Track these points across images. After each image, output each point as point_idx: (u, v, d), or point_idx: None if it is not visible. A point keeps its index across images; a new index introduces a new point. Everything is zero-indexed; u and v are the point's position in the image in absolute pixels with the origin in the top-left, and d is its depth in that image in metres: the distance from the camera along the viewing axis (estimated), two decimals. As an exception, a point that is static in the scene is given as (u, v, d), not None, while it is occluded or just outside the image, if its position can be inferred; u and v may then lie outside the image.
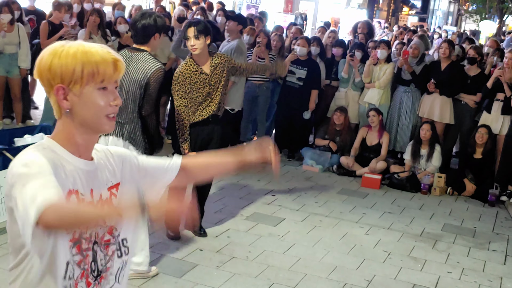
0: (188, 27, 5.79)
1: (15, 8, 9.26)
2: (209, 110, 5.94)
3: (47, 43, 9.02)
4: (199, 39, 5.73)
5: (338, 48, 10.14)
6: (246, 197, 7.71)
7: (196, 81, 5.83)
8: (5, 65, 9.05)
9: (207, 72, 5.87)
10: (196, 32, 5.72)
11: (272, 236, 6.52)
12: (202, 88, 5.87)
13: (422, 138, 8.82)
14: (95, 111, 2.08)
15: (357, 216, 7.41)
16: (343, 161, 9.19)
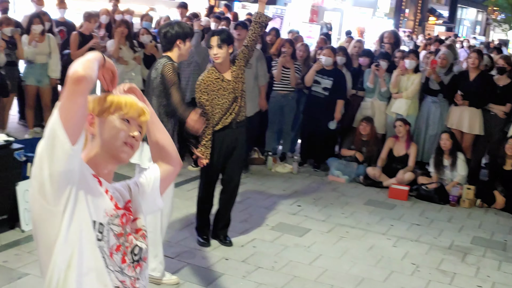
0: (212, 36, 5.84)
1: (45, 19, 9.40)
2: (233, 115, 5.98)
3: (77, 53, 9.16)
4: (222, 48, 5.80)
5: (364, 58, 10.10)
6: (271, 207, 7.71)
7: (219, 88, 5.88)
8: (36, 75, 9.17)
9: (229, 78, 5.93)
10: (219, 41, 5.79)
11: (298, 246, 6.50)
12: (227, 95, 5.91)
13: (442, 148, 8.74)
14: (114, 135, 2.29)
15: (384, 228, 7.36)
16: (370, 171, 9.14)
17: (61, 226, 2.11)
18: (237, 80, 5.96)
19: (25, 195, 5.98)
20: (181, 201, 7.35)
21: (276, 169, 9.47)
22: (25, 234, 5.94)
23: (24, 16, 10.25)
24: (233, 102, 5.95)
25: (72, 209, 2.12)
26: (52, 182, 2.05)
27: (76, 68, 2.01)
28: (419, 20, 36.17)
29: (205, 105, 5.88)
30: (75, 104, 2.03)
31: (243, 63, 6.01)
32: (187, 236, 6.42)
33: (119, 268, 2.27)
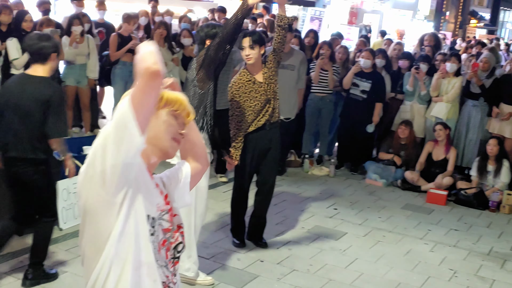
0: (244, 37, 5.82)
1: (85, 20, 9.49)
2: (266, 117, 5.96)
3: (116, 55, 9.24)
4: (253, 49, 5.79)
5: (404, 61, 10.00)
6: (307, 210, 7.67)
7: (251, 90, 5.86)
8: (75, 76, 9.26)
9: (260, 80, 5.90)
10: (251, 42, 5.77)
11: (333, 250, 6.46)
12: (259, 97, 5.89)
13: (489, 153, 8.61)
14: (164, 129, 2.34)
15: (421, 233, 7.27)
16: (408, 175, 9.04)
17: (117, 218, 2.12)
18: (269, 81, 5.93)
19: (63, 194, 6.05)
20: (216, 203, 7.36)
21: (313, 172, 9.43)
22: (63, 232, 6.01)
23: (64, 17, 10.37)
24: (265, 104, 5.93)
25: (130, 202, 2.14)
26: (114, 172, 2.05)
27: (149, 62, 2.01)
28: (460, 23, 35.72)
29: (237, 107, 5.87)
30: (149, 98, 2.05)
31: (274, 65, 5.97)
32: (222, 237, 6.42)
33: (164, 263, 2.30)
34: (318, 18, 20.78)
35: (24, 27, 7.97)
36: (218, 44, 5.08)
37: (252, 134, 5.97)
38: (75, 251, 5.65)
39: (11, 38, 7.92)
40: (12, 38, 7.91)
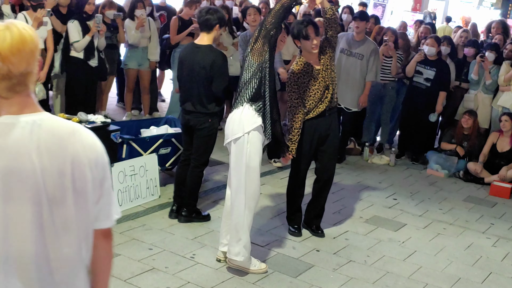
0: (307, 25, 5.68)
1: (147, 3, 9.50)
2: (325, 103, 5.84)
3: (176, 38, 9.22)
4: (319, 37, 5.73)
5: (470, 48, 9.69)
6: (366, 199, 7.52)
7: (310, 79, 5.74)
8: (137, 59, 9.30)
9: (318, 67, 5.79)
10: (316, 29, 5.68)
11: (392, 241, 6.31)
12: (318, 84, 5.77)
13: None
14: None
15: (484, 226, 7.05)
16: (470, 167, 8.78)
17: None
18: (326, 68, 5.83)
19: (120, 176, 6.06)
20: (273, 189, 7.28)
21: (373, 160, 9.26)
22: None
23: (125, 0, 10.40)
24: (324, 91, 5.82)
25: None
26: None
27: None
28: (529, 11, 34.67)
29: (296, 98, 5.75)
30: None
31: (330, 50, 5.85)
32: (278, 225, 6.33)
33: None
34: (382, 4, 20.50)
35: (86, 10, 8.00)
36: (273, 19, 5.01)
37: (311, 120, 5.85)
38: (129, 234, 5.65)
39: (72, 20, 7.97)
40: (73, 20, 7.96)
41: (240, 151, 5.01)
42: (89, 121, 5.91)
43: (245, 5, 11.10)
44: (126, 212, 6.09)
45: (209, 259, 5.39)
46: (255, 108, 5.01)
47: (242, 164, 5.00)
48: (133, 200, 6.27)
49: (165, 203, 6.50)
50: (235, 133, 5.02)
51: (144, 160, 6.45)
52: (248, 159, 5.00)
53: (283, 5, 5.02)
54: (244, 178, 5.00)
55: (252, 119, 5.01)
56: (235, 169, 5.06)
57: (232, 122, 5.07)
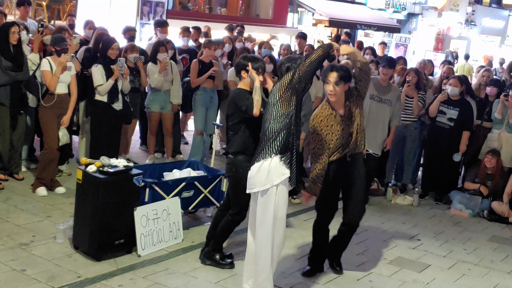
0: (330, 71, 5.67)
1: (169, 47, 9.64)
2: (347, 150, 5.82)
3: (196, 81, 9.33)
4: (338, 86, 5.64)
5: (492, 88, 9.69)
6: (389, 240, 7.47)
7: (333, 123, 5.74)
8: (160, 102, 9.40)
9: (342, 114, 5.77)
10: (337, 78, 5.62)
11: (416, 282, 6.25)
12: (341, 130, 5.76)
13: None
14: None
15: (509, 266, 6.97)
16: (495, 206, 8.71)
17: None
18: (351, 115, 5.79)
19: (142, 220, 6.09)
20: (297, 231, 7.27)
21: (396, 201, 9.22)
22: (141, 259, 6.03)
23: (148, 43, 10.57)
24: (347, 138, 5.79)
25: None
26: None
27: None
28: (552, 48, 34.57)
29: (318, 140, 5.78)
30: None
31: (360, 100, 5.82)
32: (301, 267, 6.30)
33: None
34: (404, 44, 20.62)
35: (109, 54, 8.15)
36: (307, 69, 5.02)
37: (332, 165, 5.84)
38: (152, 278, 5.66)
39: (96, 65, 8.11)
40: (97, 65, 8.11)
41: (268, 202, 5.04)
42: (112, 165, 5.96)
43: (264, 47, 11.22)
44: (149, 256, 6.11)
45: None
46: (284, 160, 5.04)
47: (269, 215, 5.03)
48: (156, 244, 6.29)
49: (188, 247, 6.51)
50: (263, 184, 5.05)
51: (167, 203, 6.49)
52: (276, 210, 5.03)
53: (319, 56, 5.02)
54: (272, 228, 5.03)
55: (280, 171, 5.04)
56: (262, 220, 5.08)
57: (260, 173, 5.07)
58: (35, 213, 6.95)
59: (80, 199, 6.02)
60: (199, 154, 9.48)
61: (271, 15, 19.04)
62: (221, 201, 7.12)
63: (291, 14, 20.66)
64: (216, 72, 9.44)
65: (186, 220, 7.12)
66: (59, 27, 8.86)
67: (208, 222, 7.31)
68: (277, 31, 17.52)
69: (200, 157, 9.39)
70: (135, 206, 6.05)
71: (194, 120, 9.88)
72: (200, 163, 7.69)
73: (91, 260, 5.88)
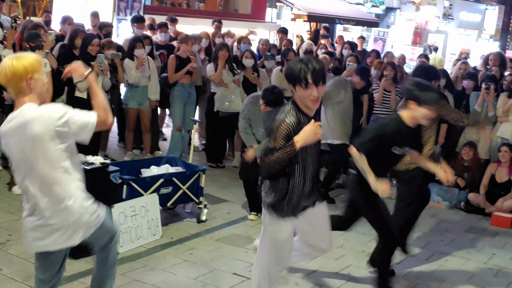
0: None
1: (146, 43, 9.59)
2: None
3: (174, 77, 9.30)
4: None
5: (469, 81, 9.76)
6: (368, 233, 7.47)
7: None
8: (138, 98, 9.36)
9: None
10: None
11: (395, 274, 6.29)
12: None
13: None
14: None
15: (485, 257, 7.04)
16: (472, 198, 8.79)
17: None
18: None
19: (120, 217, 6.08)
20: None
21: (374, 194, 9.25)
22: (119, 256, 5.94)
23: (124, 39, 10.52)
24: None
25: None
26: None
27: None
28: (528, 41, 34.85)
29: None
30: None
31: None
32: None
33: None
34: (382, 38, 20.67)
35: (89, 51, 8.11)
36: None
37: None
38: (130, 275, 5.66)
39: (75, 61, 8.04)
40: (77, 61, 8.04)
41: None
42: (88, 162, 5.93)
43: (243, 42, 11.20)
44: (127, 253, 6.11)
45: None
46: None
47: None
48: (134, 241, 6.28)
49: (167, 243, 6.52)
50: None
51: (145, 200, 6.48)
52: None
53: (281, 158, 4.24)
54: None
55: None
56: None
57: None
58: (11, 211, 6.91)
59: (57, 197, 5.98)
60: (177, 150, 9.46)
61: (249, 10, 18.99)
62: (200, 197, 7.14)
63: (269, 9, 20.63)
64: (193, 67, 9.43)
65: (164, 216, 7.12)
66: (34, 23, 8.79)
67: (188, 218, 7.33)
68: (255, 26, 17.48)
69: (178, 153, 9.37)
70: (113, 203, 6.04)
71: (172, 116, 9.86)
72: (179, 159, 7.69)
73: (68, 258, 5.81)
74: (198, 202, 7.17)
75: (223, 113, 9.63)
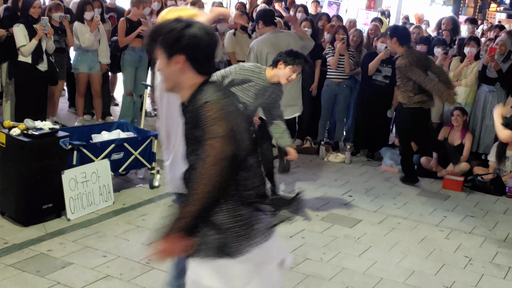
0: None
1: (96, 5, 9.37)
2: None
3: (124, 40, 9.13)
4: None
5: (422, 46, 9.79)
6: (322, 197, 7.55)
7: None
8: (88, 62, 9.16)
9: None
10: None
11: (347, 238, 6.34)
12: None
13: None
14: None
15: (437, 219, 7.13)
16: (424, 162, 8.88)
17: None
18: None
19: (71, 184, 5.97)
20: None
21: (329, 158, 9.30)
22: (70, 223, 5.93)
23: (73, 2, 10.26)
24: None
25: None
26: None
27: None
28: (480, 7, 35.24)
29: None
30: None
31: None
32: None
33: None
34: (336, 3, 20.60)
35: (31, 13, 7.88)
36: None
37: None
38: (82, 242, 5.57)
39: (17, 24, 7.83)
40: (18, 24, 7.83)
41: None
42: (37, 128, 5.79)
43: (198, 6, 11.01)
44: (79, 220, 6.01)
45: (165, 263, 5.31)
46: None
47: None
48: (86, 207, 6.18)
49: (119, 209, 6.44)
50: None
51: (96, 166, 6.36)
52: None
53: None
54: None
55: None
56: None
57: None
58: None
59: (4, 164, 5.84)
60: (129, 116, 9.33)
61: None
62: (152, 163, 7.05)
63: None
64: (144, 31, 9.26)
65: (116, 182, 7.02)
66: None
67: (140, 184, 7.25)
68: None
69: (130, 118, 9.25)
70: (63, 170, 5.92)
71: (123, 80, 9.70)
72: (130, 125, 7.56)
73: (18, 225, 5.74)
74: (150, 167, 7.08)
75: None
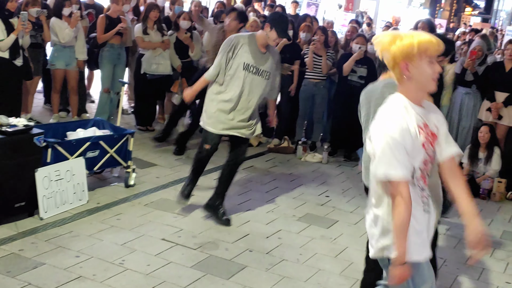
0: None
1: (74, 1, 9.26)
2: None
3: (103, 37, 9.04)
4: None
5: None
6: (299, 198, 7.52)
7: None
8: (65, 58, 9.06)
9: None
10: None
11: (324, 238, 6.32)
12: None
13: (480, 140, 8.46)
14: (427, 78, 3.23)
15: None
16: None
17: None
18: None
19: (44, 182, 5.86)
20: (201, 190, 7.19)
21: (306, 158, 9.29)
22: (43, 222, 5.83)
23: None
24: None
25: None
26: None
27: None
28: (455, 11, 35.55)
29: None
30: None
31: None
32: (211, 226, 6.26)
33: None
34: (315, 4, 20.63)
35: (8, 7, 7.75)
36: None
37: None
38: (55, 242, 5.48)
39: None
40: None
41: None
42: (10, 125, 5.68)
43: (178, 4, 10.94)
44: (52, 219, 5.91)
45: (139, 264, 5.25)
46: None
47: None
48: (59, 206, 6.07)
49: (93, 208, 6.34)
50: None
51: (71, 164, 6.26)
52: None
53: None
54: None
55: None
56: None
57: None
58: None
59: (-24, 161, 5.73)
60: (105, 113, 9.23)
61: (181, -30, 18.62)
62: (128, 161, 6.96)
63: (202, -30, 20.30)
64: (124, 28, 9.17)
65: (91, 181, 6.92)
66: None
67: (115, 182, 7.16)
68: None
69: (106, 116, 9.15)
70: (37, 167, 5.81)
71: (101, 77, 9.60)
72: (106, 122, 7.47)
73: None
74: (126, 166, 7.00)
75: (151, 76, 9.35)
